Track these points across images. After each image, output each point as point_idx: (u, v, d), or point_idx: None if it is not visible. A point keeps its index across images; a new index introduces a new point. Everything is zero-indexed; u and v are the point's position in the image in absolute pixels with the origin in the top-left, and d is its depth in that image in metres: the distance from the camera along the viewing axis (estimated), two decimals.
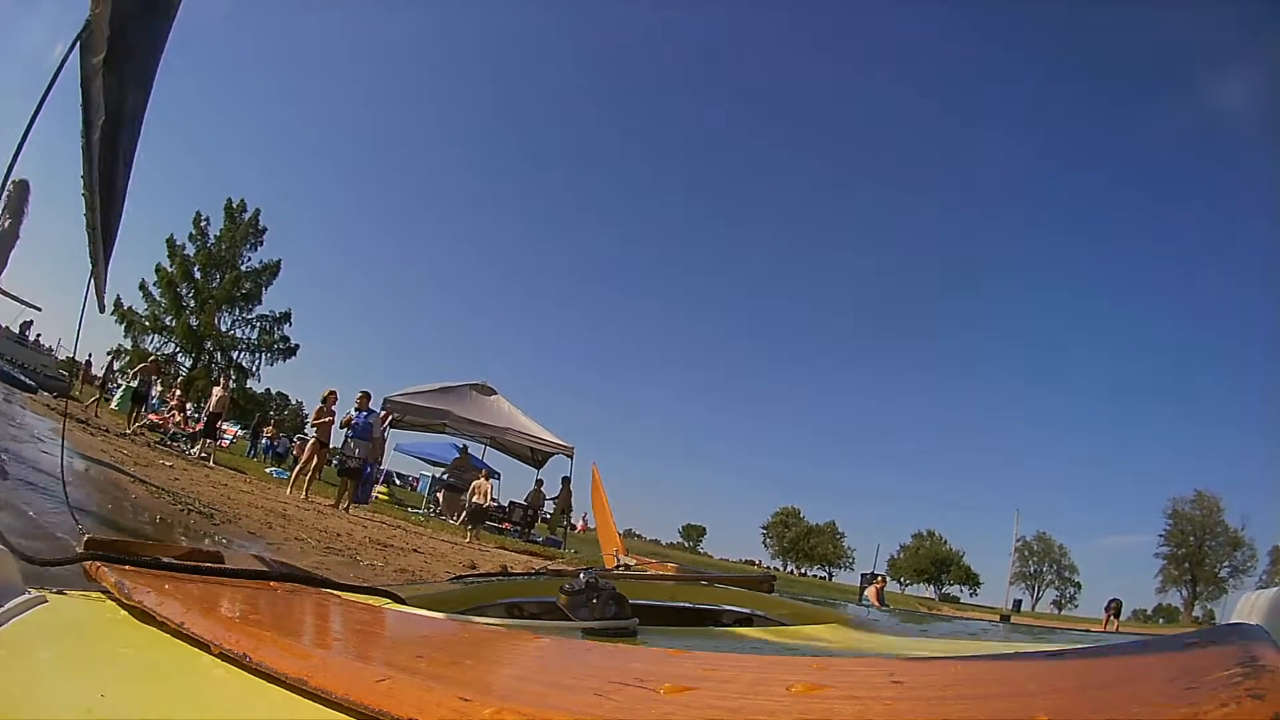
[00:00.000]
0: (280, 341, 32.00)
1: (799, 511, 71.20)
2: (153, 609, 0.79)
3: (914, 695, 0.54)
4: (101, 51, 1.20)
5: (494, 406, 17.43)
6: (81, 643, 0.80)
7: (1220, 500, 46.83)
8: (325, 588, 1.20)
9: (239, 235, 31.42)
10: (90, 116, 1.32)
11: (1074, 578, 58.15)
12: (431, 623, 1.11)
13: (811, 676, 0.62)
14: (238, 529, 6.58)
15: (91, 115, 1.31)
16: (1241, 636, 0.52)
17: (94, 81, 1.25)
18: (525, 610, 1.67)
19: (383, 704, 0.53)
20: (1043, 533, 58.57)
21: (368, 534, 8.97)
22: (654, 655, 0.89)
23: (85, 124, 1.34)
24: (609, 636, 1.04)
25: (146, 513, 5.70)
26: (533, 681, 0.71)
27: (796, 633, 1.57)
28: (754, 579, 2.16)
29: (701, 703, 0.54)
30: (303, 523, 8.24)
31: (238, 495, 8.84)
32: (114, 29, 1.18)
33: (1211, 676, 0.43)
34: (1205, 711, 0.39)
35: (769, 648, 1.18)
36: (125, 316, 29.15)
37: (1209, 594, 46.73)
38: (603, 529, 4.37)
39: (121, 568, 0.96)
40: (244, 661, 0.65)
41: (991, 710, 0.47)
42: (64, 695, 0.65)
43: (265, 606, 1.02)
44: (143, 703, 0.64)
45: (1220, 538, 46.82)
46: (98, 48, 1.20)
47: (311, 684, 0.58)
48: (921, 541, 66.18)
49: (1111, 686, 0.49)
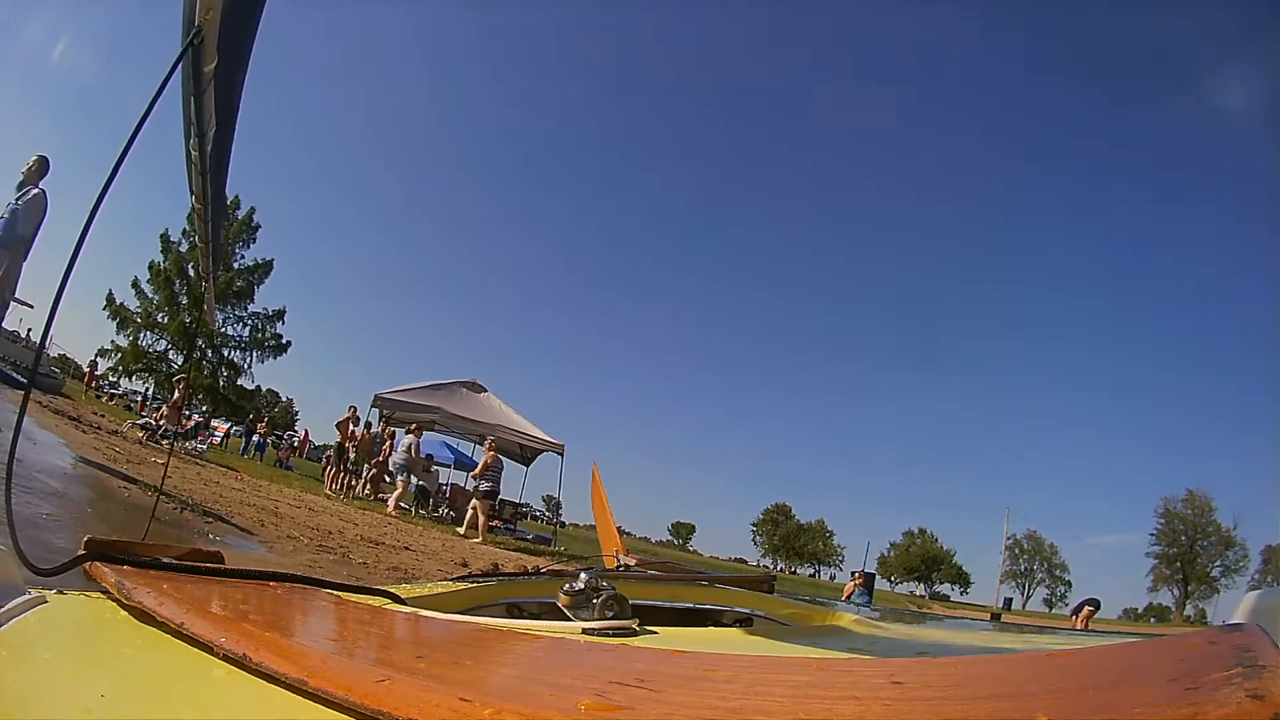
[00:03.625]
0: (272, 339, 31.90)
1: (789, 509, 71.48)
2: (153, 609, 0.79)
3: (914, 695, 0.54)
4: (214, 61, 1.15)
5: (484, 404, 17.43)
6: (81, 643, 0.79)
7: (1212, 500, 47.20)
8: (325, 588, 1.20)
9: (232, 232, 31.26)
10: (203, 128, 1.27)
11: (1064, 576, 58.57)
12: (431, 623, 1.11)
13: (811, 677, 0.62)
14: (228, 527, 6.55)
15: (204, 126, 1.26)
16: (1241, 637, 0.52)
17: (205, 91, 1.20)
18: (525, 610, 1.67)
19: (383, 704, 0.53)
20: (1033, 531, 59.03)
21: (359, 532, 8.94)
22: (654, 655, 0.90)
23: (199, 135, 1.29)
24: (609, 636, 1.04)
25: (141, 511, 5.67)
26: (533, 681, 0.71)
27: (796, 633, 1.57)
28: (754, 579, 2.16)
29: (701, 703, 0.54)
30: (295, 520, 8.21)
31: (229, 493, 8.80)
32: (223, 36, 1.14)
33: (1211, 676, 0.43)
34: (1205, 711, 0.39)
35: (769, 648, 1.18)
36: (118, 313, 29.01)
37: (1200, 593, 47.08)
38: (603, 529, 4.37)
39: (121, 568, 0.95)
40: (244, 662, 0.65)
41: (991, 710, 0.48)
42: (64, 695, 0.64)
43: (265, 607, 1.01)
44: (143, 703, 0.64)
45: (1212, 537, 47.16)
46: (209, 56, 1.15)
47: (311, 684, 0.58)
48: (912, 539, 66.50)
49: (1111, 686, 0.50)
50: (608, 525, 4.28)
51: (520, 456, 19.17)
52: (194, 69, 1.19)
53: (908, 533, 66.60)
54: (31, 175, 6.76)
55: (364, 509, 12.40)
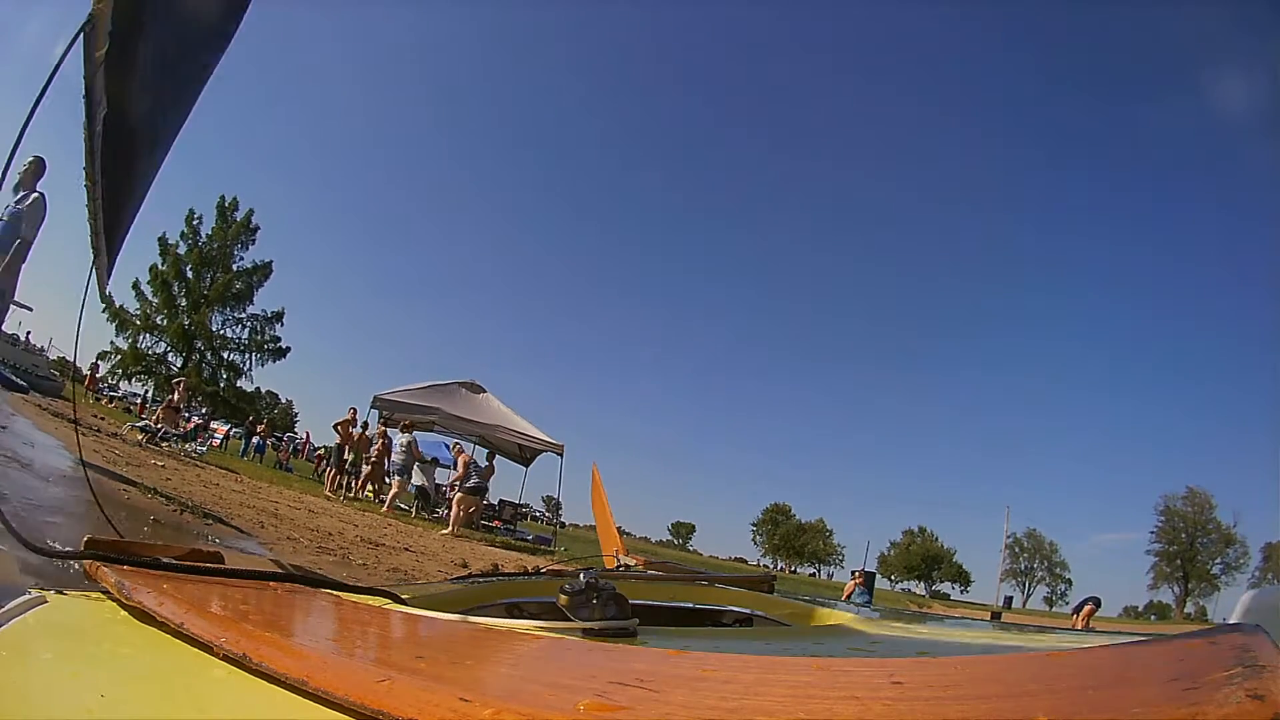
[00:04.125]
0: (271, 341, 31.93)
1: (789, 509, 71.49)
2: (153, 609, 0.79)
3: (914, 695, 0.54)
4: (104, 46, 1.21)
5: (483, 404, 17.42)
6: (81, 643, 0.79)
7: (1212, 497, 47.19)
8: (325, 588, 1.20)
9: (231, 234, 31.28)
10: (92, 110, 1.33)
11: (1065, 574, 58.55)
12: (431, 623, 1.10)
13: (811, 676, 0.62)
14: (228, 528, 6.54)
15: (93, 109, 1.32)
16: (1241, 636, 0.52)
17: (96, 76, 1.26)
18: (525, 610, 1.66)
19: (383, 704, 0.53)
20: (1033, 529, 59.01)
21: (359, 533, 8.94)
22: (654, 655, 0.89)
23: (87, 117, 1.36)
24: (609, 637, 1.04)
25: (141, 513, 5.66)
26: (533, 681, 0.71)
27: (797, 633, 1.57)
28: (754, 579, 2.16)
29: (701, 703, 0.54)
30: (294, 522, 8.20)
31: (229, 495, 8.79)
32: (117, 24, 1.19)
33: (1211, 676, 0.43)
34: (1205, 711, 0.39)
35: (769, 648, 1.18)
36: (117, 315, 29.02)
37: (1201, 591, 47.07)
38: (603, 529, 4.36)
39: (121, 568, 0.95)
40: (244, 662, 0.65)
41: (991, 710, 0.47)
42: (64, 695, 0.64)
43: (265, 607, 1.02)
44: (143, 703, 0.64)
45: (1212, 535, 47.14)
46: (100, 42, 1.21)
47: (312, 684, 0.58)
48: (912, 538, 66.49)
49: (1111, 686, 0.50)
50: (608, 525, 4.28)
51: (520, 457, 19.16)
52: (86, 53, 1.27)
53: (908, 531, 66.68)
54: (28, 178, 6.76)
55: (364, 510, 12.41)
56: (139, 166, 1.66)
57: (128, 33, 1.24)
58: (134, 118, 1.42)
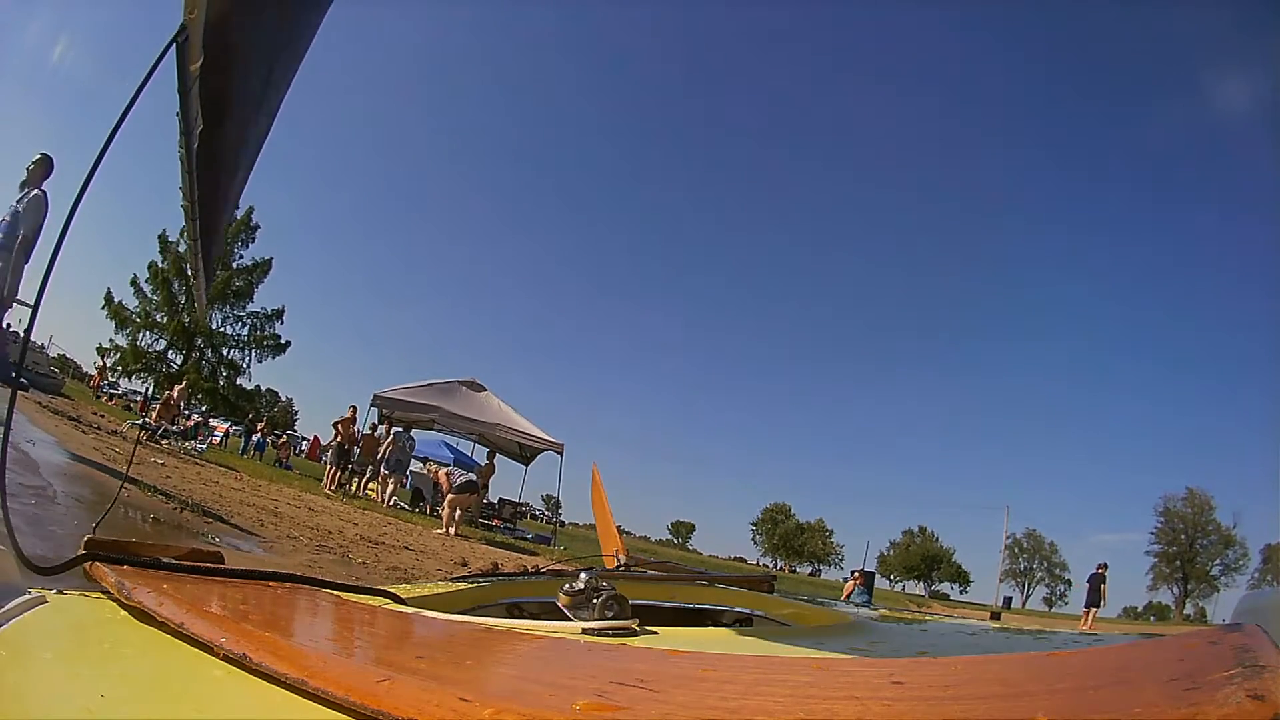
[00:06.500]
0: (271, 339, 31.89)
1: (788, 508, 71.45)
2: (153, 609, 0.79)
3: (914, 695, 0.54)
4: (198, 60, 1.16)
5: (483, 403, 17.44)
6: (81, 643, 0.79)
7: (1212, 498, 47.10)
8: (325, 588, 1.20)
9: (231, 232, 31.21)
10: (189, 125, 1.28)
11: (1064, 575, 58.50)
12: (431, 623, 1.10)
13: (811, 677, 0.62)
14: (228, 527, 6.54)
15: (190, 124, 1.27)
16: (1241, 637, 0.52)
17: (191, 91, 1.22)
18: (525, 610, 1.66)
19: (383, 704, 0.53)
20: (1033, 529, 58.97)
21: (359, 531, 8.95)
22: (654, 655, 0.89)
23: (185, 133, 1.31)
24: (609, 636, 1.04)
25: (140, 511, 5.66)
26: (532, 681, 0.71)
27: (797, 633, 1.57)
28: (755, 579, 2.16)
29: (701, 703, 0.54)
30: (294, 520, 8.21)
31: (229, 493, 8.79)
32: (209, 35, 1.14)
33: (1211, 676, 0.43)
34: (1205, 711, 0.39)
35: (769, 648, 1.18)
36: (117, 313, 29.01)
37: (1200, 591, 47.04)
38: (603, 529, 4.35)
39: (121, 568, 0.95)
40: (244, 662, 0.65)
41: (991, 710, 0.48)
42: (64, 695, 0.64)
43: (265, 607, 1.01)
44: (143, 703, 0.64)
45: (1212, 535, 47.09)
46: (194, 55, 1.16)
47: (312, 684, 0.58)
48: (912, 538, 66.46)
49: (1111, 686, 0.50)
50: (608, 525, 4.27)
51: (520, 455, 19.18)
52: (180, 67, 1.20)
53: (907, 531, 66.61)
54: (34, 176, 6.76)
55: (364, 509, 12.41)
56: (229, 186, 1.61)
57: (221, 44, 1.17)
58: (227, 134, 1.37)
